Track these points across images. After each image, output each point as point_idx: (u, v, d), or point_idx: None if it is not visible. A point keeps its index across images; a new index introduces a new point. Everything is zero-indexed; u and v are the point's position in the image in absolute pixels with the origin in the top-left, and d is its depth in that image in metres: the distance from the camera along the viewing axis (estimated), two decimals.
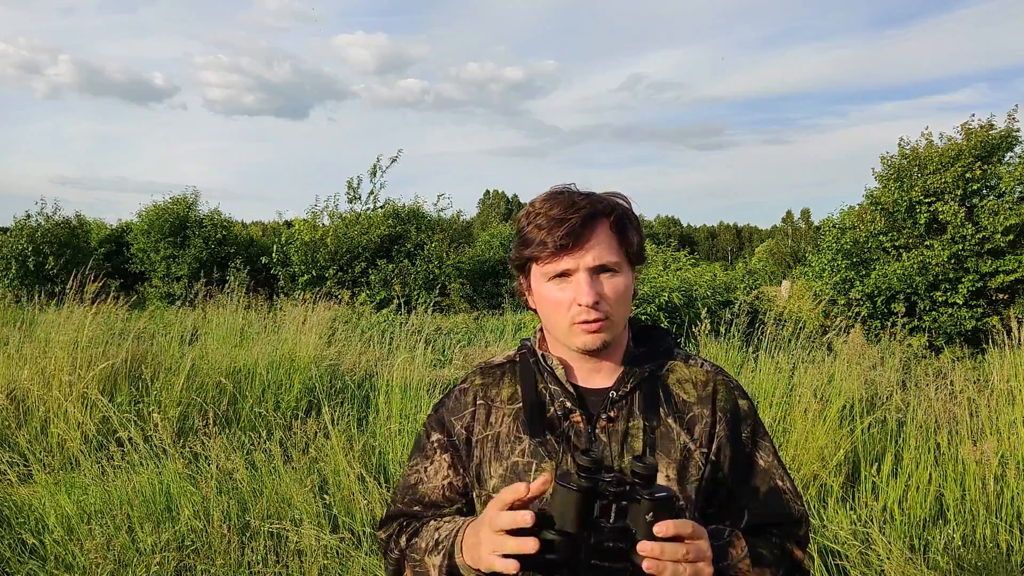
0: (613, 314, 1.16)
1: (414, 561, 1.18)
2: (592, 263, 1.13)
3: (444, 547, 1.11)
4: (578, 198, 1.15)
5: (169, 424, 4.49)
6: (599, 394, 1.21)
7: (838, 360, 5.60)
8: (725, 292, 10.67)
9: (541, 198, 1.18)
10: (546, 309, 1.19)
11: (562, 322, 1.17)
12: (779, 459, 1.25)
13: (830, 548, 3.26)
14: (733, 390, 1.25)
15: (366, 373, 6.73)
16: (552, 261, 1.14)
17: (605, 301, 1.14)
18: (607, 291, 1.15)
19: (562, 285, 1.15)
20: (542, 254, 1.14)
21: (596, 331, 1.15)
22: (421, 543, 1.18)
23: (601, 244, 1.14)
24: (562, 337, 1.19)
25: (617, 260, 1.15)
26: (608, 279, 1.15)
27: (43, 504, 3.56)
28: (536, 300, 1.22)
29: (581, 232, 1.12)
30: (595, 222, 1.14)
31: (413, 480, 1.28)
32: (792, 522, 1.20)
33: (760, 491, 1.20)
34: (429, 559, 1.14)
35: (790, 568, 1.17)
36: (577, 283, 1.14)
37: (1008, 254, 10.32)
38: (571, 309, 1.15)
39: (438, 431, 1.28)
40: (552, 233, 1.12)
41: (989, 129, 10.97)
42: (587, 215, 1.13)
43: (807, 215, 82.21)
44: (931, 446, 3.99)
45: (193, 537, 3.31)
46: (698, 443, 1.18)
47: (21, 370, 5.30)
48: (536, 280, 1.19)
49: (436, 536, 1.15)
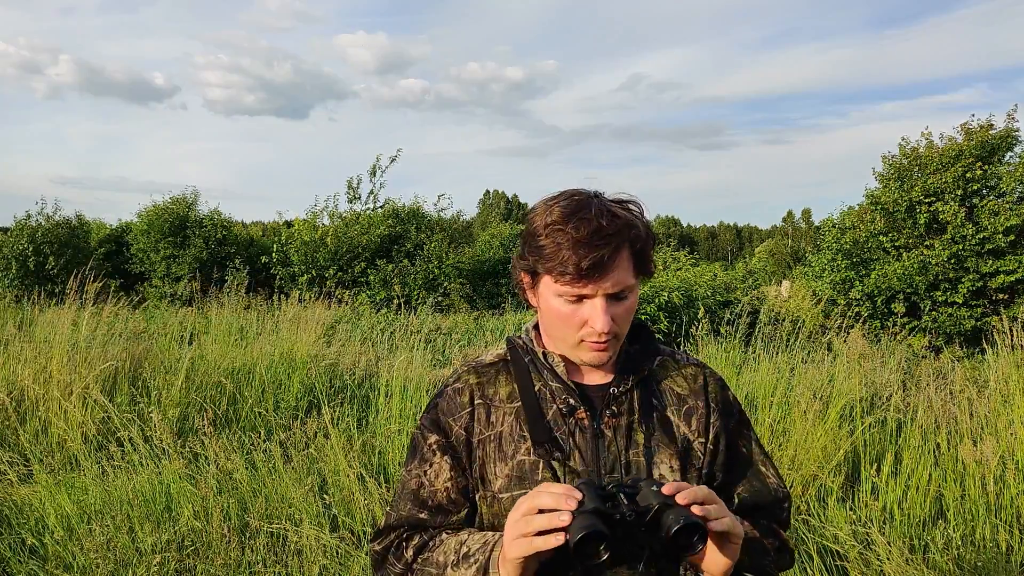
0: (620, 333, 1.18)
1: (428, 575, 1.15)
2: (611, 291, 1.12)
3: (478, 561, 1.08)
4: (605, 223, 1.10)
5: (169, 424, 4.49)
6: (599, 390, 1.22)
7: (838, 360, 5.60)
8: (725, 292, 10.67)
9: (562, 210, 1.12)
10: (554, 320, 1.18)
11: (570, 337, 1.17)
12: (761, 446, 1.32)
13: (830, 548, 3.26)
14: (719, 382, 1.30)
15: (366, 373, 6.73)
16: (571, 283, 1.12)
17: (616, 323, 1.15)
18: (618, 314, 1.15)
19: (575, 305, 1.14)
20: (562, 276, 1.11)
21: (604, 350, 1.16)
22: (439, 557, 1.14)
23: (621, 271, 1.12)
24: (567, 349, 1.20)
25: (633, 283, 1.16)
26: (621, 303, 1.15)
27: (43, 504, 3.56)
28: (542, 307, 1.20)
29: (608, 262, 1.10)
30: (619, 251, 1.11)
31: (414, 485, 1.23)
32: (776, 503, 1.27)
33: (747, 477, 1.26)
34: (455, 572, 1.10)
35: (779, 545, 1.24)
36: (593, 308, 1.13)
37: (1008, 254, 10.33)
38: (582, 329, 1.15)
39: (435, 433, 1.24)
40: (577, 256, 1.08)
41: (989, 129, 10.98)
42: (616, 246, 1.10)
43: (807, 215, 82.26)
44: (931, 446, 4.00)
45: (193, 537, 3.31)
46: (696, 433, 1.22)
47: (21, 370, 5.30)
48: (546, 289, 1.17)
49: (463, 550, 1.11)
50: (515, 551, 0.98)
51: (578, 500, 0.95)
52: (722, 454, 1.24)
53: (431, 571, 1.14)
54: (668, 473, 1.17)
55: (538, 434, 1.17)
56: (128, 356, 5.56)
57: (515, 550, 0.98)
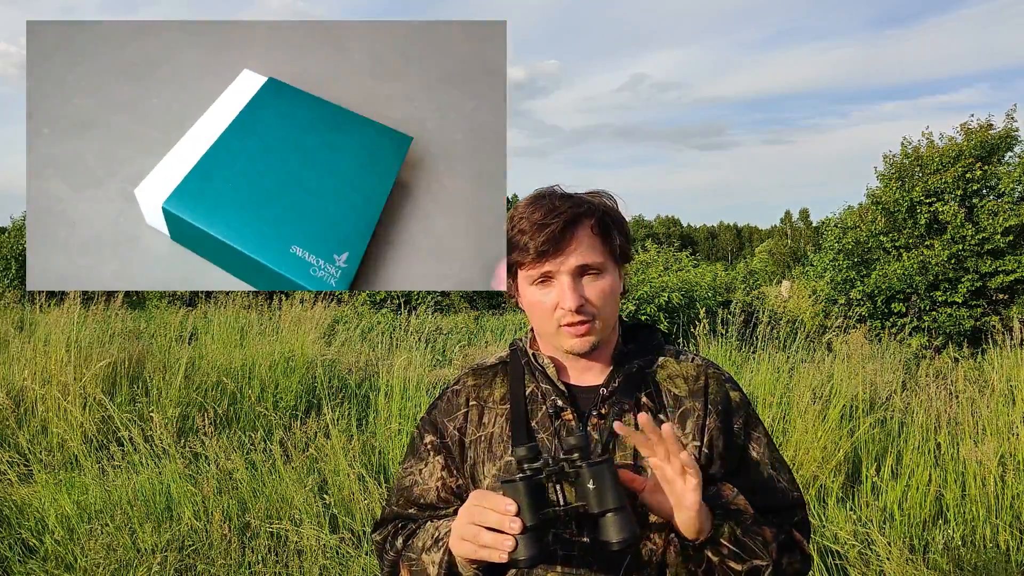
0: (599, 315, 1.16)
1: (410, 561, 1.18)
2: (574, 265, 1.13)
3: (444, 544, 1.12)
4: (559, 202, 1.14)
5: (169, 424, 4.49)
6: (590, 392, 1.21)
7: (838, 360, 5.60)
8: (725, 292, 10.68)
9: (524, 202, 1.18)
10: (533, 312, 1.20)
11: (549, 325, 1.17)
12: (774, 449, 1.25)
13: (830, 548, 3.26)
14: (724, 383, 1.25)
15: (366, 373, 6.73)
16: (534, 266, 1.14)
17: (590, 304, 1.14)
18: (591, 293, 1.14)
19: (546, 289, 1.15)
20: (525, 259, 1.14)
21: (584, 334, 1.15)
22: (418, 543, 1.18)
23: (583, 247, 1.13)
24: (551, 340, 1.20)
25: (601, 261, 1.15)
26: (592, 281, 1.15)
27: (43, 504, 3.56)
28: (524, 303, 1.22)
29: (562, 236, 1.12)
30: (576, 225, 1.13)
31: (408, 482, 1.28)
32: (787, 508, 1.21)
33: (753, 482, 1.20)
34: (427, 556, 1.14)
35: (789, 543, 1.16)
36: (560, 287, 1.14)
37: (1008, 254, 10.34)
38: (556, 312, 1.15)
39: (431, 433, 1.28)
40: (533, 238, 1.12)
41: (988, 129, 10.99)
42: (568, 219, 1.12)
43: (806, 215, 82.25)
44: (931, 446, 4.00)
45: (193, 537, 3.31)
46: (690, 437, 1.19)
47: (21, 370, 5.30)
48: (522, 284, 1.19)
49: (435, 534, 1.16)
50: (461, 550, 1.02)
51: (516, 518, 0.95)
52: (721, 456, 1.19)
53: (412, 556, 1.18)
54: None
55: (519, 437, 1.18)
56: (128, 356, 5.56)
57: (461, 549, 1.01)
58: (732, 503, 1.11)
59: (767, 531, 1.12)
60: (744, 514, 1.10)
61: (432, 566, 1.13)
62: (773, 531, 1.13)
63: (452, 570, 1.10)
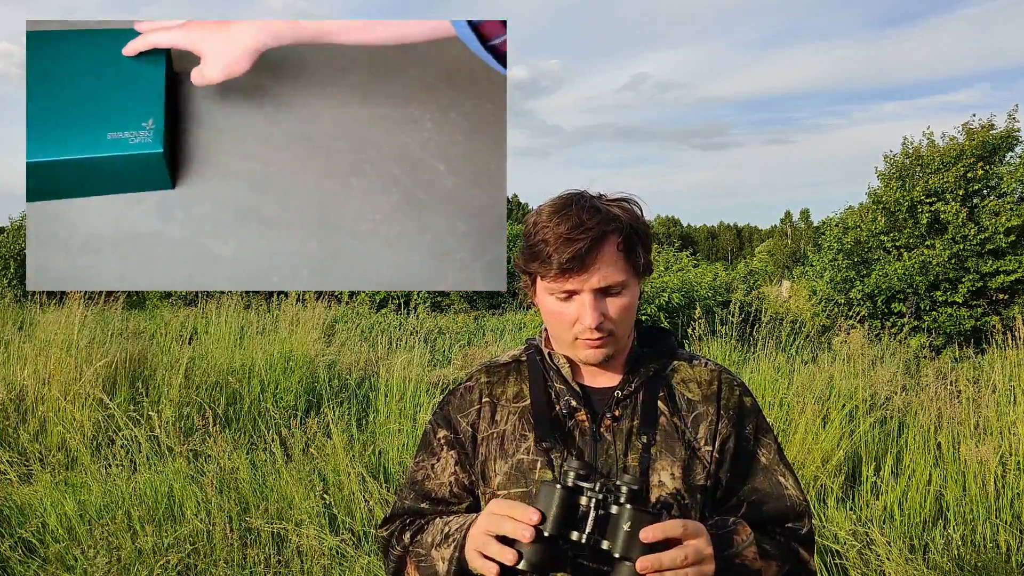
0: (617, 331, 1.16)
1: (419, 556, 1.18)
2: (597, 285, 1.12)
3: (455, 540, 1.11)
4: (587, 217, 1.10)
5: (169, 424, 4.49)
6: (604, 393, 1.21)
7: (838, 360, 5.60)
8: (725, 292, 10.67)
9: (549, 209, 1.14)
10: (550, 320, 1.19)
11: (565, 335, 1.17)
12: (782, 456, 1.25)
13: (830, 548, 3.26)
14: (736, 388, 1.25)
15: (366, 373, 6.73)
16: (556, 281, 1.12)
17: (609, 320, 1.14)
18: (611, 311, 1.14)
19: (566, 302, 1.15)
20: (546, 272, 1.12)
21: (599, 347, 1.15)
22: (428, 538, 1.18)
23: (607, 265, 1.11)
24: (565, 348, 1.20)
25: (623, 279, 1.14)
26: (613, 299, 1.14)
27: (44, 504, 3.56)
28: (540, 307, 1.21)
29: (587, 254, 1.09)
30: (603, 243, 1.11)
31: (420, 476, 1.28)
32: (794, 517, 1.21)
33: (762, 488, 1.20)
34: (437, 552, 1.14)
35: (796, 565, 1.16)
36: (581, 305, 1.13)
37: (1009, 254, 10.34)
38: (575, 326, 1.15)
39: (444, 428, 1.28)
40: (558, 252, 1.09)
41: (990, 129, 10.99)
42: (595, 236, 1.10)
43: (806, 215, 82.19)
44: (931, 446, 4.00)
45: (195, 538, 3.31)
46: (703, 441, 1.19)
47: (21, 370, 5.30)
48: (540, 291, 1.19)
49: (446, 530, 1.15)
50: (469, 557, 1.05)
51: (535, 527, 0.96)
52: (731, 460, 1.19)
53: (421, 552, 1.18)
54: (669, 481, 1.15)
55: (543, 430, 1.18)
56: (128, 356, 5.56)
57: (469, 556, 1.05)
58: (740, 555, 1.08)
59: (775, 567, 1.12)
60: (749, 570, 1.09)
61: (442, 562, 1.12)
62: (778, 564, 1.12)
63: (462, 567, 1.09)
